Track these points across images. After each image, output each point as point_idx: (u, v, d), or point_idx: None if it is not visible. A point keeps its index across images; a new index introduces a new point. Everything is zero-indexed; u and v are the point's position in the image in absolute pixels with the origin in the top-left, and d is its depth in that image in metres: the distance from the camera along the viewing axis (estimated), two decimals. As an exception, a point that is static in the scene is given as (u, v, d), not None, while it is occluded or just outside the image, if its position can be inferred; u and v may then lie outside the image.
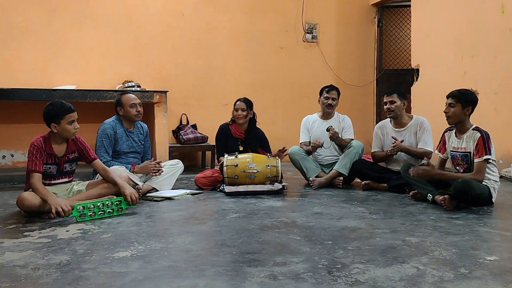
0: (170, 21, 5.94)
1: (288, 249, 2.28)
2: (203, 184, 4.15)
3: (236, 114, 4.28)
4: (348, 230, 2.67)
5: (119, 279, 1.89)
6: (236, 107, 4.29)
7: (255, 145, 4.36)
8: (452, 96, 3.34)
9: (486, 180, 3.28)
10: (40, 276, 1.93)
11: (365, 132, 6.36)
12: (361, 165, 4.15)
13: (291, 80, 6.58)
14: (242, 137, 4.33)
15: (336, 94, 4.44)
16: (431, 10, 5.74)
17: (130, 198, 3.17)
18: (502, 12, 4.73)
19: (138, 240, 2.46)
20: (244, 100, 4.31)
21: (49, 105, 3.15)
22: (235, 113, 4.29)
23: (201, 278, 1.89)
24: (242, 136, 4.33)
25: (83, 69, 5.53)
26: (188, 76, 6.05)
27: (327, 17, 6.78)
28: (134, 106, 3.93)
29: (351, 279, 1.87)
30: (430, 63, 5.76)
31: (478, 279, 1.87)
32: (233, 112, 4.32)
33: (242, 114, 4.26)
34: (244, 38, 6.33)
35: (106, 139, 3.82)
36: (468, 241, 2.41)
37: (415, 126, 4.01)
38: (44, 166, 3.14)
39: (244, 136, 4.33)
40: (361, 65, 7.01)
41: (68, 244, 2.40)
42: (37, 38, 5.35)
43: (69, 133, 3.17)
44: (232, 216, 3.06)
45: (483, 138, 3.22)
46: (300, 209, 3.30)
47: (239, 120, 4.29)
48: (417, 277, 1.88)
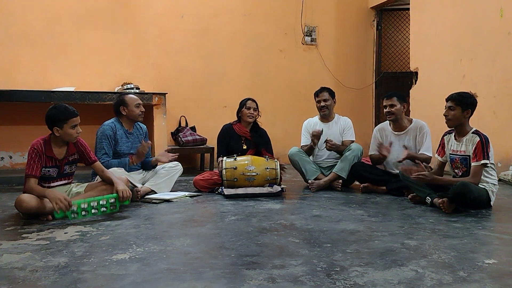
0: (169, 23, 5.94)
1: (287, 252, 2.28)
2: (202, 186, 4.15)
3: (248, 112, 4.27)
4: (347, 233, 2.67)
5: (117, 282, 1.88)
6: (248, 105, 4.29)
7: (260, 143, 4.36)
8: (452, 99, 3.35)
9: (485, 183, 3.29)
10: (38, 278, 1.93)
11: (364, 135, 6.35)
12: (360, 167, 4.15)
13: (290, 82, 6.59)
14: (247, 135, 4.33)
15: (327, 94, 4.43)
16: (430, 13, 5.75)
17: (122, 194, 3.15)
18: (501, 15, 4.74)
19: (136, 242, 2.46)
20: (254, 100, 4.34)
21: (53, 109, 3.11)
22: (247, 112, 4.28)
23: (199, 280, 1.89)
24: (248, 134, 4.33)
25: (82, 71, 5.53)
26: (187, 79, 6.05)
27: (326, 20, 6.79)
28: (139, 106, 3.96)
29: (350, 282, 1.86)
30: (429, 66, 5.77)
31: (476, 282, 1.87)
32: (244, 111, 4.30)
33: (255, 113, 4.30)
34: (243, 40, 6.33)
35: (106, 140, 3.82)
36: (467, 244, 2.41)
37: (414, 130, 4.01)
38: (44, 169, 3.12)
39: (249, 134, 4.33)
40: (360, 68, 7.02)
41: (67, 246, 2.39)
42: (36, 40, 5.35)
43: (71, 137, 3.15)
44: (231, 218, 3.06)
45: (482, 142, 3.22)
46: (299, 211, 3.30)
47: (250, 119, 4.29)
48: (415, 280, 1.88)
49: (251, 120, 4.31)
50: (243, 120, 4.34)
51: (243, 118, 4.33)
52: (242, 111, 4.32)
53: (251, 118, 4.30)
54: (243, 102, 4.35)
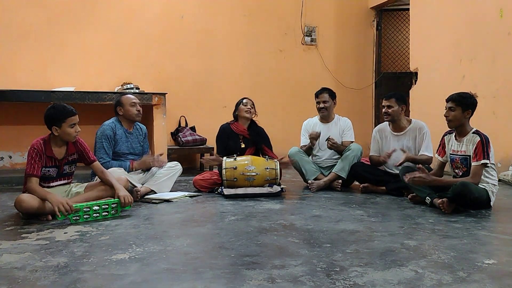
0: (169, 23, 5.94)
1: (287, 252, 2.28)
2: (202, 186, 4.15)
3: (246, 107, 4.30)
4: (347, 233, 2.67)
5: (117, 282, 1.88)
6: (245, 102, 4.33)
7: (258, 141, 4.36)
8: (452, 100, 3.35)
9: (485, 183, 3.29)
10: (38, 278, 1.93)
11: (364, 135, 6.35)
12: (359, 168, 4.15)
13: (290, 82, 6.59)
14: (245, 134, 4.33)
15: (327, 96, 4.43)
16: (430, 14, 5.75)
17: (124, 200, 3.16)
18: (501, 16, 4.74)
19: (136, 242, 2.46)
20: (250, 99, 4.38)
21: (51, 108, 3.12)
22: (244, 107, 4.30)
23: (199, 280, 1.89)
24: (246, 133, 4.34)
25: (82, 71, 5.52)
26: (187, 79, 6.05)
27: (326, 20, 6.79)
28: (135, 105, 3.95)
29: (350, 282, 1.86)
30: (429, 66, 5.77)
31: (476, 282, 1.87)
32: (241, 107, 4.31)
33: (252, 110, 4.33)
34: (243, 40, 6.33)
35: (105, 140, 3.82)
36: (467, 244, 2.41)
37: (414, 130, 4.00)
38: (43, 169, 3.12)
39: (247, 133, 4.34)
40: (360, 68, 7.02)
41: (66, 246, 2.39)
42: (36, 39, 5.34)
43: (70, 136, 3.16)
44: (231, 218, 3.05)
45: (482, 142, 3.23)
46: (298, 211, 3.30)
47: (248, 114, 4.30)
48: (415, 281, 1.88)
49: (248, 116, 4.32)
50: (240, 118, 4.35)
51: (240, 115, 4.34)
52: (240, 107, 4.33)
53: (249, 114, 4.31)
54: (239, 101, 4.38)
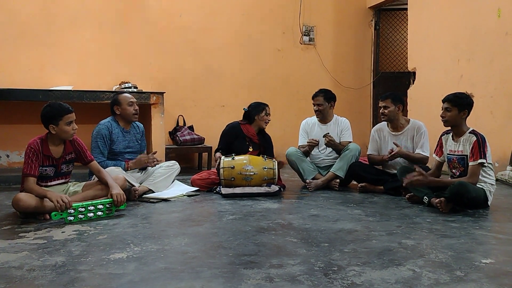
0: (167, 22, 5.93)
1: (285, 251, 2.28)
2: (200, 185, 4.14)
3: (267, 118, 4.34)
4: (345, 232, 2.67)
5: (114, 281, 1.88)
6: (268, 111, 4.34)
7: (266, 148, 4.37)
8: (448, 101, 3.36)
9: (482, 183, 3.29)
10: (35, 277, 1.93)
11: (362, 135, 6.37)
12: (357, 167, 4.16)
13: (288, 82, 6.58)
14: (255, 138, 4.33)
15: (322, 99, 4.42)
16: (428, 14, 5.76)
17: (116, 198, 3.13)
18: (499, 15, 4.75)
19: (134, 241, 2.46)
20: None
21: (47, 106, 3.12)
22: (266, 118, 4.32)
23: (197, 280, 1.89)
24: (255, 138, 4.33)
25: (80, 70, 5.51)
26: (185, 78, 6.04)
27: (325, 19, 6.79)
28: (132, 105, 3.95)
29: (347, 282, 1.87)
30: (427, 66, 5.78)
31: (473, 282, 1.87)
32: (263, 116, 4.30)
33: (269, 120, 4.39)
34: (241, 40, 6.32)
35: (101, 140, 3.81)
36: (464, 244, 2.42)
37: (412, 130, 4.01)
38: (41, 168, 3.12)
39: (257, 138, 4.34)
40: (358, 67, 7.02)
41: (64, 246, 2.39)
42: (34, 38, 5.32)
43: (68, 134, 3.15)
44: (229, 218, 3.06)
45: (479, 141, 3.23)
46: (296, 211, 3.30)
47: (265, 125, 4.35)
48: (413, 280, 1.89)
49: (265, 126, 4.36)
50: (256, 123, 4.34)
51: (257, 122, 4.33)
52: (261, 115, 4.31)
53: (266, 124, 4.35)
54: (262, 106, 4.34)
